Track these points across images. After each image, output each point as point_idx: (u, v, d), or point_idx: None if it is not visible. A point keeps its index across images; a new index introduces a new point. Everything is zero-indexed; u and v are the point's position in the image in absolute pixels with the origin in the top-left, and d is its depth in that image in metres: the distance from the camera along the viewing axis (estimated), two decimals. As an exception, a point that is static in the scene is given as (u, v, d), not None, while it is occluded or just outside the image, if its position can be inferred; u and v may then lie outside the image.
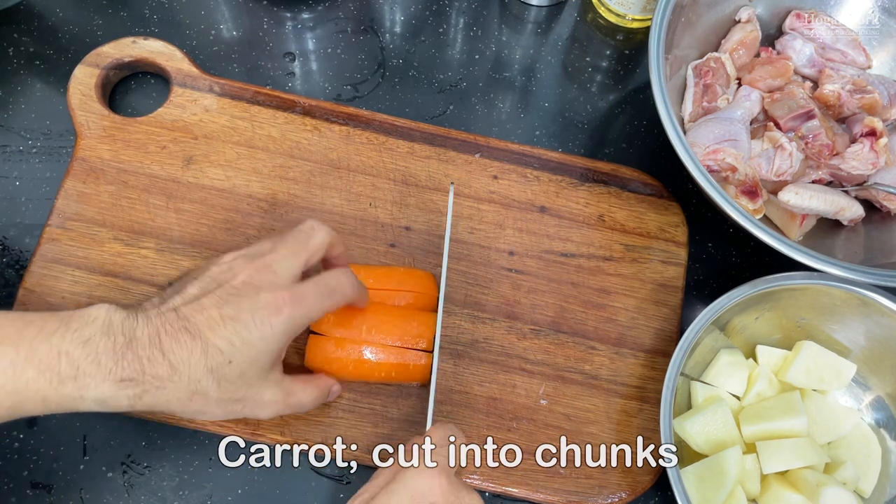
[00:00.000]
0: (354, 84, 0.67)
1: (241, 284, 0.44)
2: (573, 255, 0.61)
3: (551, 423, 0.56)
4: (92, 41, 0.65)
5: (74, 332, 0.40)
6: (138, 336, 0.41)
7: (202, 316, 0.42)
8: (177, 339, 0.42)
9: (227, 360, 0.42)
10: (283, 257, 0.46)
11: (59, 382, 0.39)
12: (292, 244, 0.47)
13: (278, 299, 0.44)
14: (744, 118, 0.60)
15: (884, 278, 0.52)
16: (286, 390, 0.47)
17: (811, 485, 0.51)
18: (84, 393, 0.40)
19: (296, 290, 0.45)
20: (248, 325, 0.43)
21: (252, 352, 0.43)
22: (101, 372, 0.40)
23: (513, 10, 0.71)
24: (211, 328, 0.42)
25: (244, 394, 0.44)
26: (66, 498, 0.52)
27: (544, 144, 0.66)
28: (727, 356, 0.56)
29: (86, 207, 0.58)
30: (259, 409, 0.46)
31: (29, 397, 0.39)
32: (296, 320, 0.44)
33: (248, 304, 0.43)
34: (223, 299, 0.43)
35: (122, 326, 0.41)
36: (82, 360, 0.40)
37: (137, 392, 0.41)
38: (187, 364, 0.42)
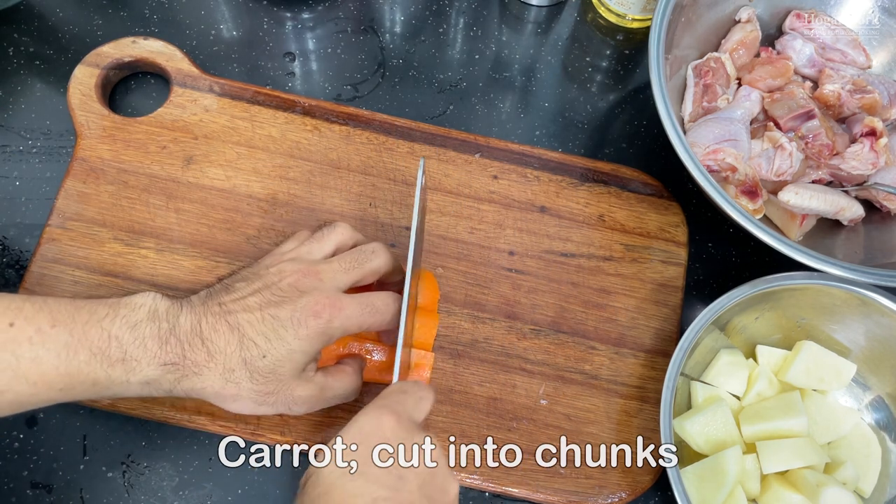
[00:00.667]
0: (354, 84, 0.67)
1: (287, 286, 0.46)
2: (573, 255, 0.61)
3: (551, 423, 0.56)
4: (92, 41, 0.65)
5: (123, 317, 0.43)
6: (181, 323, 0.44)
7: (244, 311, 0.45)
8: (216, 328, 0.44)
9: (262, 354, 0.44)
10: (334, 270, 0.47)
11: (109, 365, 0.42)
12: (348, 261, 0.48)
13: (319, 304, 0.45)
14: (744, 118, 0.60)
15: (884, 278, 0.52)
16: (321, 386, 0.48)
17: (811, 485, 0.51)
18: (131, 376, 0.42)
19: (337, 298, 0.46)
20: (286, 324, 0.44)
21: (285, 349, 0.44)
22: (146, 355, 0.42)
23: (513, 10, 0.71)
24: (250, 323, 0.44)
25: (274, 388, 0.45)
26: (66, 498, 0.52)
27: (544, 144, 0.66)
28: (727, 356, 0.56)
29: (86, 207, 0.58)
30: (293, 404, 0.47)
31: (81, 380, 0.42)
32: (333, 327, 0.46)
33: (290, 305, 0.45)
34: (267, 299, 0.45)
35: (166, 314, 0.44)
36: (130, 343, 0.42)
37: (178, 376, 0.43)
38: (223, 353, 0.44)
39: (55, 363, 0.41)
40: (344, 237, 0.51)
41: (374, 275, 0.50)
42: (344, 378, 0.49)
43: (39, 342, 0.40)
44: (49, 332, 0.41)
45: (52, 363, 0.41)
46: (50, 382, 0.41)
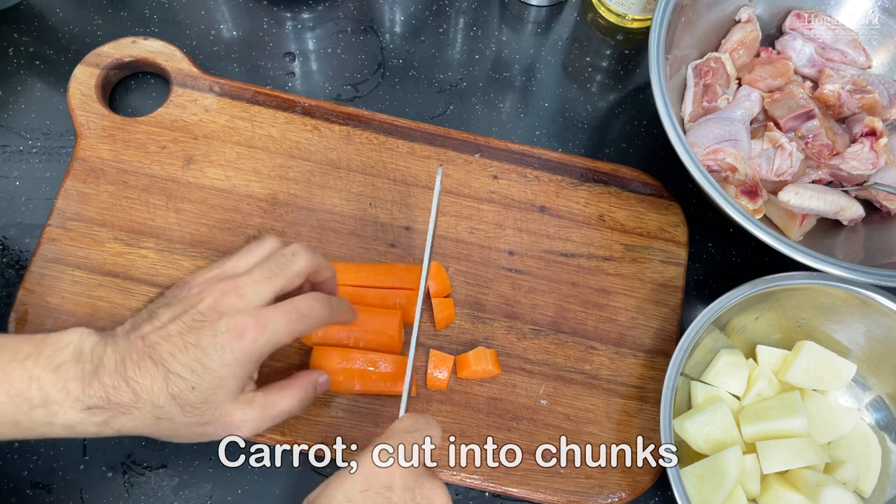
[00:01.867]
0: (354, 84, 0.67)
1: (206, 309, 0.44)
2: (573, 255, 0.61)
3: (551, 423, 0.56)
4: (92, 41, 0.65)
5: (47, 357, 0.41)
6: (105, 363, 0.42)
7: (166, 342, 0.43)
8: (140, 366, 0.42)
9: (190, 386, 0.42)
10: (254, 281, 0.45)
11: (30, 408, 0.40)
12: (268, 268, 0.46)
13: (240, 325, 0.43)
14: (744, 118, 0.60)
15: (884, 278, 0.52)
16: (263, 405, 0.45)
17: (811, 485, 0.51)
18: (53, 419, 0.41)
19: (260, 315, 0.44)
20: (209, 352, 0.42)
21: (213, 378, 0.43)
22: (68, 399, 0.41)
23: (513, 10, 0.71)
24: (173, 355, 0.42)
25: (211, 417, 0.44)
26: (66, 498, 0.52)
27: (544, 144, 0.66)
28: (727, 356, 0.56)
29: (86, 207, 0.58)
30: (234, 428, 0.45)
31: (2, 421, 0.40)
32: (259, 345, 0.43)
33: (210, 330, 0.43)
34: (187, 325, 0.43)
35: (91, 353, 0.42)
36: (51, 387, 0.40)
37: (105, 418, 0.42)
38: (150, 391, 0.42)
39: None
40: (272, 249, 0.48)
41: (300, 278, 0.47)
42: (286, 395, 0.47)
43: None
44: None
45: None
46: None
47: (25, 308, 0.55)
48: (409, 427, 0.43)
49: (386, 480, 0.40)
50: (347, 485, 0.40)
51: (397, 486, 0.40)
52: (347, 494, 0.40)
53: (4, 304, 0.56)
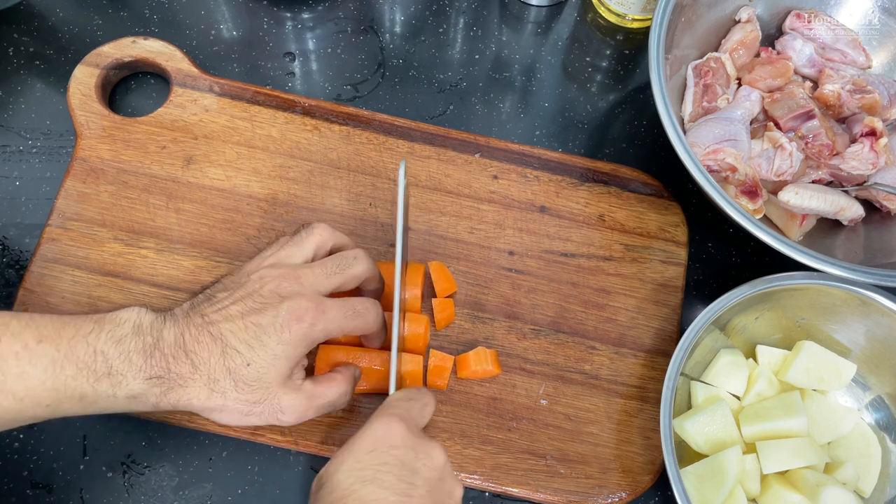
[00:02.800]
0: (354, 84, 0.67)
1: (269, 292, 0.46)
2: (573, 255, 0.61)
3: (551, 423, 0.56)
4: (92, 41, 0.65)
5: (108, 332, 0.43)
6: (165, 336, 0.44)
7: (226, 320, 0.45)
8: (199, 340, 0.44)
9: (246, 362, 0.44)
10: (315, 275, 0.47)
11: (96, 380, 0.42)
12: (330, 266, 0.48)
13: (301, 307, 0.45)
14: (744, 118, 0.60)
15: (884, 278, 0.52)
16: (309, 395, 0.47)
17: (811, 485, 0.51)
18: (117, 390, 0.42)
19: (320, 302, 0.46)
20: (268, 330, 0.44)
21: (269, 356, 0.44)
22: (132, 369, 0.42)
23: (513, 10, 0.71)
24: (233, 332, 0.44)
25: (261, 397, 0.45)
26: (66, 498, 0.52)
27: (544, 144, 0.66)
28: (727, 356, 0.56)
29: (86, 207, 0.58)
30: (280, 413, 0.46)
31: (68, 395, 0.42)
32: (316, 330, 0.45)
33: (272, 311, 0.45)
34: (249, 307, 0.45)
35: (150, 328, 0.44)
36: (115, 358, 0.42)
37: (164, 389, 0.43)
38: (207, 364, 0.44)
39: (42, 378, 0.41)
40: (323, 238, 0.50)
41: (356, 280, 0.49)
42: (333, 386, 0.49)
43: (26, 358, 0.41)
44: (35, 348, 0.41)
45: (39, 378, 0.41)
46: (37, 398, 0.41)
47: (25, 308, 0.55)
48: (405, 396, 0.47)
49: (390, 440, 0.43)
50: (355, 448, 0.42)
51: (400, 445, 0.42)
52: (356, 456, 0.42)
53: (4, 304, 0.56)
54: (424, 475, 0.42)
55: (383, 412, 0.45)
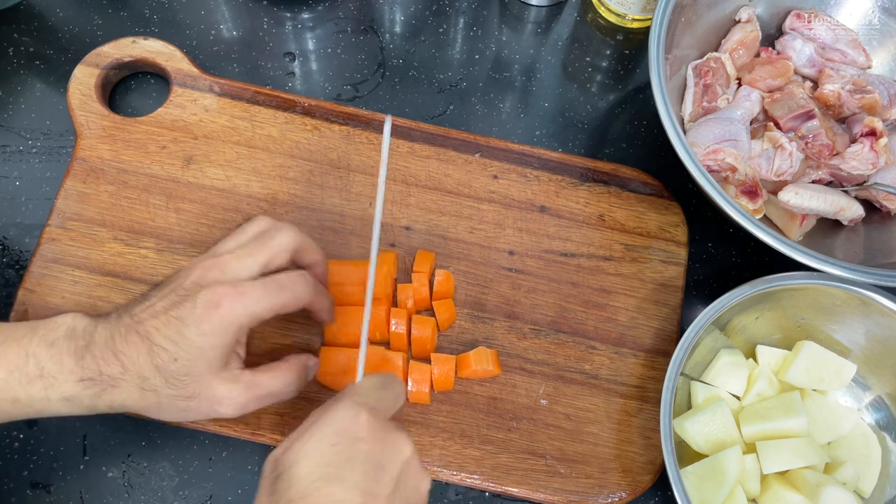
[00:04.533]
0: (354, 84, 0.67)
1: (190, 284, 0.45)
2: (573, 255, 0.61)
3: (551, 422, 0.56)
4: (92, 41, 0.65)
5: (41, 336, 0.43)
6: (96, 339, 0.44)
7: (152, 319, 0.44)
8: (127, 340, 0.44)
9: (172, 357, 0.43)
10: (237, 258, 0.46)
11: (28, 382, 0.42)
12: (252, 245, 0.47)
13: (217, 294, 0.44)
14: (744, 118, 0.60)
15: (884, 278, 0.52)
16: (248, 384, 0.46)
17: (811, 485, 0.51)
18: (50, 393, 0.42)
19: (238, 285, 0.44)
20: (187, 323, 0.43)
21: (193, 348, 0.44)
22: (63, 372, 0.42)
23: (513, 10, 0.71)
24: (157, 328, 0.44)
25: (194, 390, 0.44)
26: (66, 498, 0.52)
27: (544, 144, 0.66)
28: (727, 356, 0.56)
29: (86, 207, 0.58)
30: (218, 405, 0.45)
31: (1, 398, 0.42)
32: (237, 314, 0.44)
33: (190, 303, 0.44)
34: (172, 301, 0.45)
35: (83, 331, 0.44)
36: (47, 360, 0.42)
37: (97, 391, 0.43)
38: (136, 363, 0.43)
39: None
40: (261, 228, 0.48)
41: (283, 252, 0.47)
42: (277, 375, 0.47)
43: None
44: None
45: None
46: None
47: (25, 308, 0.55)
48: (376, 384, 0.44)
49: (356, 433, 0.40)
50: (317, 440, 0.40)
51: (366, 439, 0.40)
52: (318, 449, 0.40)
53: (4, 304, 0.56)
54: (391, 472, 0.40)
55: (350, 399, 0.42)
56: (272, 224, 0.49)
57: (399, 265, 0.59)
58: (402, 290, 0.57)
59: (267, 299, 0.45)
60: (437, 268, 0.59)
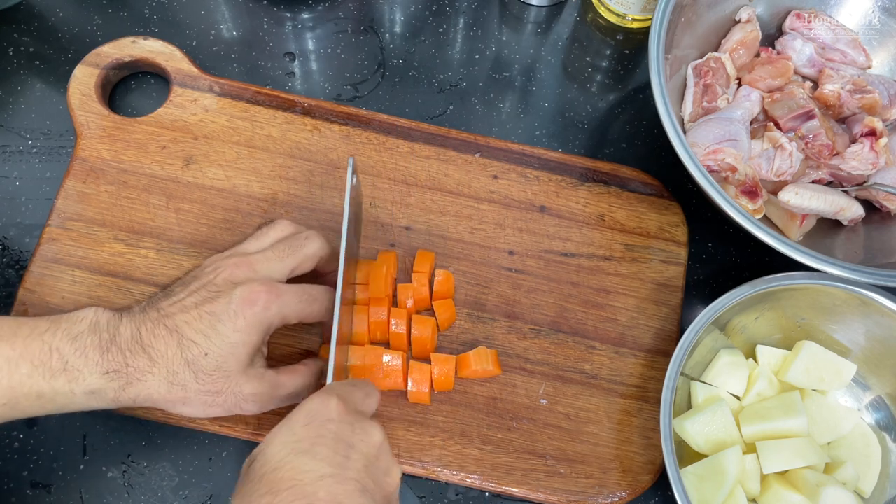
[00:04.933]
0: (354, 84, 0.67)
1: (222, 281, 0.46)
2: (573, 255, 0.61)
3: (551, 422, 0.56)
4: (92, 41, 0.65)
5: (64, 330, 0.43)
6: (121, 332, 0.44)
7: (182, 314, 0.44)
8: (155, 333, 0.44)
9: (203, 352, 0.44)
10: (267, 259, 0.47)
11: (52, 377, 0.42)
12: (282, 249, 0.48)
13: (254, 292, 0.45)
14: (744, 118, 0.60)
15: (884, 278, 0.52)
16: (272, 383, 0.47)
17: (811, 485, 0.51)
18: (74, 386, 0.42)
19: (273, 286, 0.46)
20: (222, 318, 0.44)
21: (226, 344, 0.44)
22: (88, 365, 0.42)
23: (513, 10, 0.71)
24: (188, 323, 0.44)
25: (222, 386, 0.45)
26: (66, 498, 0.52)
27: (544, 144, 0.66)
28: (727, 356, 0.56)
29: (86, 207, 0.58)
30: (243, 402, 0.46)
31: (24, 392, 0.42)
32: (270, 314, 0.45)
33: (225, 299, 0.45)
34: (203, 297, 0.45)
35: (107, 325, 0.44)
36: (71, 354, 0.42)
37: (122, 384, 0.43)
38: (164, 356, 0.43)
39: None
40: (284, 233, 0.50)
41: (311, 260, 0.49)
42: (296, 376, 0.49)
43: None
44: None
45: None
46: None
47: (25, 308, 0.55)
48: (346, 382, 0.45)
49: (326, 414, 0.41)
50: (290, 422, 0.41)
51: (336, 420, 0.41)
52: (290, 430, 0.40)
53: (4, 304, 0.56)
54: (361, 450, 0.41)
55: (321, 390, 0.43)
56: (297, 229, 0.51)
57: (399, 265, 0.59)
58: (402, 290, 0.57)
59: (299, 305, 0.47)
60: (437, 268, 0.59)
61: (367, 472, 0.40)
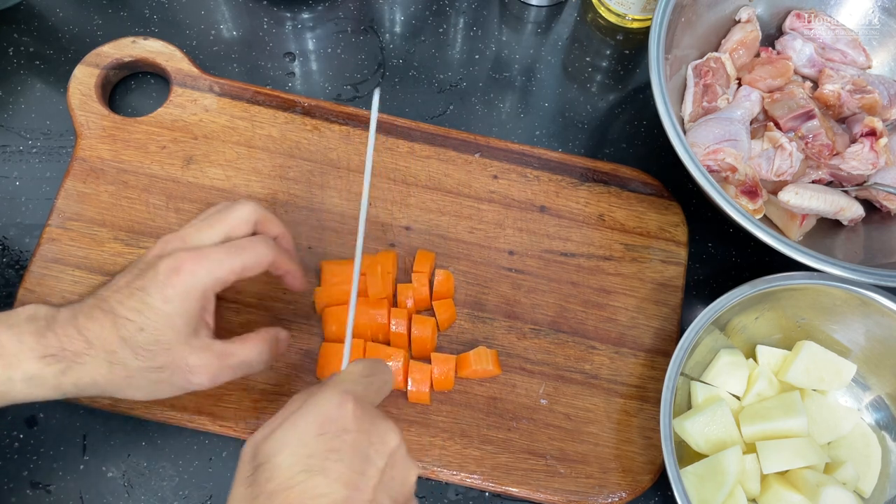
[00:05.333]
0: (354, 84, 0.67)
1: (152, 257, 0.46)
2: (573, 255, 0.61)
3: (551, 422, 0.56)
4: (92, 41, 0.65)
5: (2, 322, 0.43)
6: (58, 319, 0.44)
7: (115, 294, 0.44)
8: (91, 316, 0.43)
9: (139, 327, 0.43)
10: (197, 229, 0.47)
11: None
12: (212, 216, 0.48)
13: (178, 260, 0.44)
14: (744, 118, 0.60)
15: (884, 278, 0.52)
16: (220, 353, 0.46)
17: (811, 485, 0.51)
18: (11, 372, 0.42)
19: (197, 250, 0.45)
20: (150, 291, 0.44)
21: (159, 316, 0.43)
22: (23, 349, 0.42)
23: (513, 10, 0.71)
24: (120, 302, 0.44)
25: (164, 360, 0.44)
26: (66, 498, 0.52)
27: (544, 144, 0.66)
28: (727, 356, 0.56)
29: (86, 207, 0.58)
30: (190, 374, 0.45)
31: None
32: (199, 278, 0.44)
33: (152, 272, 0.44)
34: (134, 275, 0.45)
35: (45, 314, 0.44)
36: (6, 340, 0.42)
37: (61, 368, 0.43)
38: (100, 338, 0.43)
39: None
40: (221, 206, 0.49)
41: (243, 223, 0.48)
42: (248, 345, 0.47)
43: None
44: None
45: None
46: None
47: (25, 308, 0.55)
48: (363, 371, 0.43)
49: (342, 423, 0.39)
50: (301, 429, 0.39)
51: (352, 429, 0.38)
52: (302, 439, 0.38)
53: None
54: (377, 464, 0.38)
55: (336, 387, 0.40)
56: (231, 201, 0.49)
57: (399, 265, 0.59)
58: (402, 290, 0.57)
59: (228, 261, 0.45)
60: (437, 268, 0.59)
61: (382, 486, 0.38)
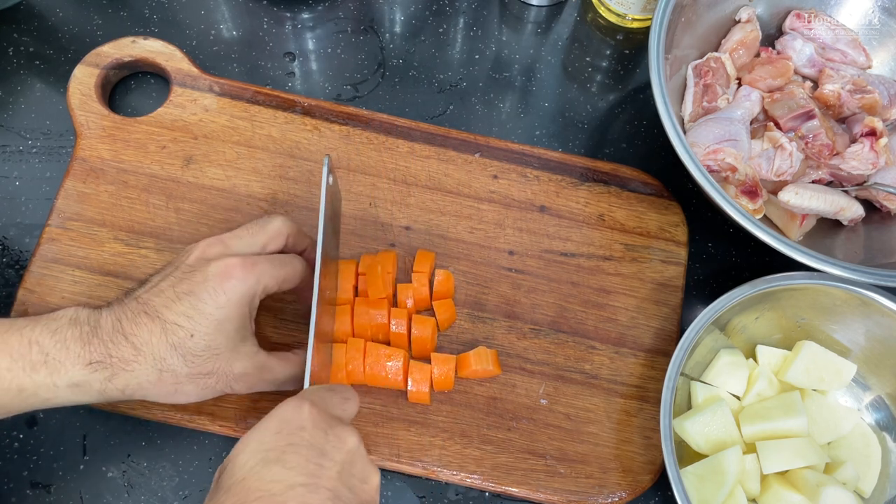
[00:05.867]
0: (354, 84, 0.67)
1: (194, 261, 0.46)
2: (573, 255, 0.61)
3: (551, 422, 0.56)
4: (92, 41, 0.65)
5: (44, 325, 0.42)
6: (102, 324, 0.43)
7: (159, 297, 0.44)
8: (136, 322, 0.43)
9: (189, 333, 0.43)
10: (236, 236, 0.48)
11: (32, 369, 0.41)
12: (249, 228, 0.49)
13: (228, 266, 0.45)
14: (744, 118, 0.60)
15: (884, 278, 0.52)
16: (260, 365, 0.47)
17: (811, 485, 0.51)
18: (56, 379, 0.42)
19: (246, 257, 0.46)
20: (201, 296, 0.44)
21: (211, 322, 0.44)
22: (69, 356, 0.42)
23: (513, 10, 0.71)
24: (167, 307, 0.44)
25: (213, 367, 0.45)
26: (66, 498, 0.52)
27: (544, 144, 0.66)
28: (727, 356, 0.56)
29: (86, 207, 0.58)
30: (233, 381, 0.46)
31: (4, 387, 0.41)
32: (248, 285, 0.45)
33: (200, 276, 0.44)
34: (178, 278, 0.45)
35: (88, 318, 0.43)
36: (51, 346, 0.42)
37: (107, 375, 0.43)
38: (149, 344, 0.43)
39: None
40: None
41: (279, 236, 0.49)
42: (286, 364, 0.49)
43: None
44: None
45: None
46: None
47: (25, 308, 0.55)
48: (323, 387, 0.44)
49: (298, 422, 0.40)
50: (260, 430, 0.40)
51: (309, 427, 0.40)
52: (260, 439, 0.40)
53: (4, 304, 0.56)
54: (335, 457, 0.39)
55: (295, 396, 0.42)
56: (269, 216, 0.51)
57: (399, 265, 0.59)
58: (402, 290, 0.57)
59: (273, 271, 0.46)
60: (437, 268, 0.59)
61: (341, 479, 0.39)
